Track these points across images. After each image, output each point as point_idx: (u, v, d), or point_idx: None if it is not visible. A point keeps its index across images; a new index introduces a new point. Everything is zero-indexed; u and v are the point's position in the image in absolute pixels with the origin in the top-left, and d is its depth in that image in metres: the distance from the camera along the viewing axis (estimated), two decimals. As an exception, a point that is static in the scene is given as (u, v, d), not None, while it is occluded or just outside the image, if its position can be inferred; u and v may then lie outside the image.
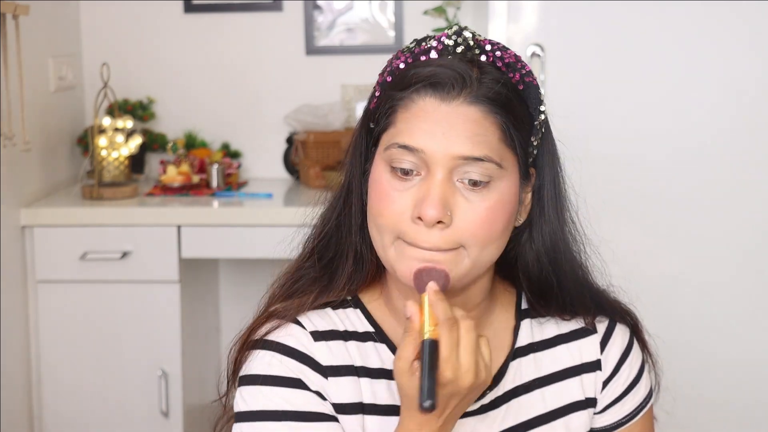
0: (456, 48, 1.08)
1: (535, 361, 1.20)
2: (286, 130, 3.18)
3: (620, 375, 1.23)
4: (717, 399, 2.83)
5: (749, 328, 2.81)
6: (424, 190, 1.05)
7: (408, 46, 1.12)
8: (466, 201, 1.05)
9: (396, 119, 1.07)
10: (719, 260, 2.80)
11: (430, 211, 1.03)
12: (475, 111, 1.04)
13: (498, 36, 2.80)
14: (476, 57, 1.08)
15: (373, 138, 1.13)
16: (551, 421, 1.18)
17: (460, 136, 1.04)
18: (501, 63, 1.08)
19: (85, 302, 2.71)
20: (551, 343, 1.21)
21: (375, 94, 1.13)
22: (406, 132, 1.06)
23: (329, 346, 1.13)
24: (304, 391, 1.11)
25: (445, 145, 1.04)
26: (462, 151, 1.04)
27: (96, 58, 3.13)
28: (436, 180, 1.04)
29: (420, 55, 1.09)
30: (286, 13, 3.17)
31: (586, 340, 1.22)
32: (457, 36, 1.09)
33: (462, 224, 1.05)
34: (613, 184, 2.77)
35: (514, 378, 1.18)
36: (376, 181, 1.09)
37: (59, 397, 2.74)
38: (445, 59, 1.07)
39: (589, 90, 2.80)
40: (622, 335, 1.23)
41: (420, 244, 1.05)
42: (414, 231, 1.05)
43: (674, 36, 2.77)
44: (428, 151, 1.04)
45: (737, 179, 2.78)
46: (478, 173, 1.05)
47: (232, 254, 2.85)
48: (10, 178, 2.61)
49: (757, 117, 2.76)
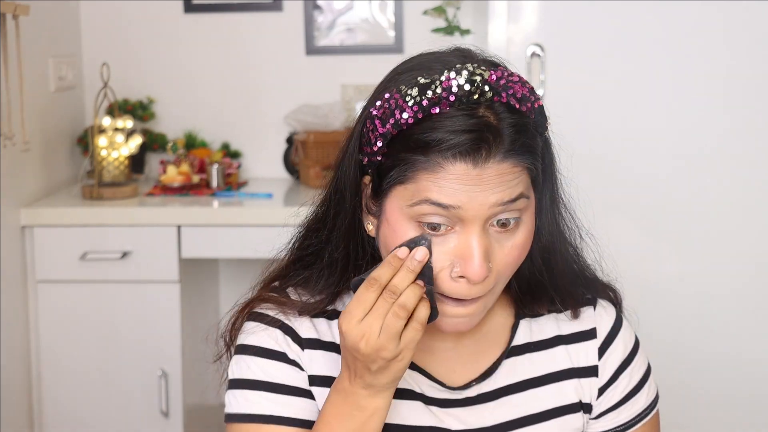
0: (469, 97, 1.02)
1: (531, 361, 1.20)
2: (286, 130, 3.18)
3: (618, 383, 1.22)
4: (717, 399, 2.83)
5: (749, 329, 2.81)
6: (463, 248, 1.03)
7: (410, 93, 1.04)
8: (500, 245, 1.05)
9: (418, 177, 1.03)
10: (719, 260, 2.80)
11: (477, 272, 1.02)
12: (507, 165, 1.02)
13: (498, 36, 2.81)
14: (489, 100, 1.03)
15: (376, 181, 1.09)
16: (544, 421, 1.18)
17: (496, 188, 1.02)
18: (514, 100, 1.04)
19: (85, 302, 2.71)
20: (549, 343, 1.21)
21: (374, 143, 1.07)
22: (435, 191, 1.02)
23: (313, 322, 1.17)
24: (283, 363, 1.15)
25: (483, 198, 1.02)
26: (500, 199, 1.02)
27: (96, 58, 3.13)
28: (474, 235, 1.03)
29: (430, 107, 1.02)
30: (286, 13, 3.17)
31: (585, 344, 1.21)
32: (469, 77, 1.03)
33: (498, 268, 1.06)
34: (613, 183, 2.77)
35: (506, 375, 1.18)
36: (403, 236, 1.05)
37: (59, 397, 2.74)
38: (461, 116, 1.02)
39: (589, 90, 2.80)
40: (624, 343, 1.23)
41: (466, 299, 1.06)
42: (454, 287, 1.05)
43: (674, 36, 2.77)
44: (466, 208, 1.02)
45: (737, 179, 2.78)
46: (510, 213, 1.04)
47: (232, 254, 2.84)
48: (10, 178, 2.61)
49: (757, 117, 2.76)
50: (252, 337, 1.16)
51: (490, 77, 1.03)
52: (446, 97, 1.02)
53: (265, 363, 1.14)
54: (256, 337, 1.16)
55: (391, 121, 1.04)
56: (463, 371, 1.18)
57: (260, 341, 1.15)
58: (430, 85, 1.03)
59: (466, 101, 1.02)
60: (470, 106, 1.02)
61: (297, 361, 1.15)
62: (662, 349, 2.67)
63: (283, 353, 1.15)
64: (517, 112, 1.04)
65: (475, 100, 1.02)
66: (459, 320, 1.07)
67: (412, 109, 1.03)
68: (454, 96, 1.02)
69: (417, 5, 3.09)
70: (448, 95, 1.02)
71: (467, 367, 1.18)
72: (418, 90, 1.03)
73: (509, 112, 1.03)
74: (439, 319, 1.07)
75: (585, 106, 2.81)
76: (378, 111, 1.07)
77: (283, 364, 1.14)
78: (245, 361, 1.15)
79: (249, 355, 1.15)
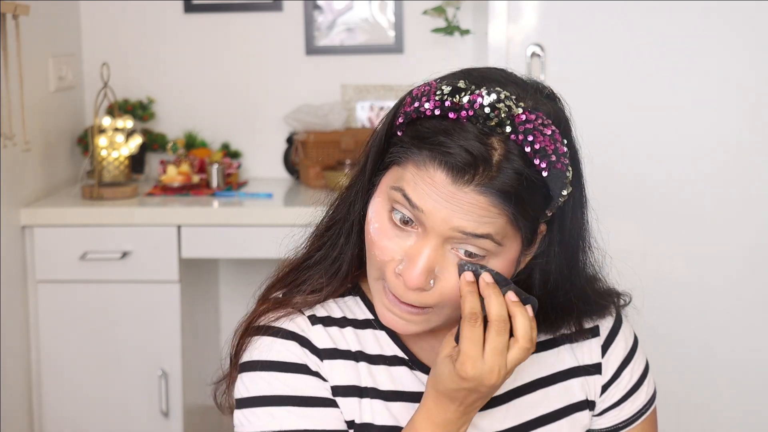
0: (486, 121, 1.01)
1: (538, 361, 1.20)
2: (286, 130, 3.18)
3: (621, 380, 1.23)
4: (717, 398, 2.83)
5: (749, 328, 2.81)
6: (414, 251, 1.03)
7: (443, 89, 1.04)
8: (454, 269, 1.04)
9: (407, 165, 1.04)
10: (719, 260, 2.80)
11: (413, 279, 1.02)
12: (484, 200, 1.00)
13: (498, 36, 2.81)
14: (506, 135, 1.01)
15: (385, 158, 1.09)
16: (555, 421, 1.19)
17: (465, 214, 1.00)
18: (530, 148, 1.01)
19: (85, 302, 2.71)
20: (554, 342, 1.21)
21: (399, 118, 1.07)
22: (412, 186, 1.02)
23: (327, 330, 1.14)
24: (305, 375, 1.12)
25: (447, 216, 1.00)
26: (463, 227, 1.01)
27: (96, 58, 3.13)
28: (428, 246, 1.02)
29: (449, 110, 1.02)
30: (286, 13, 3.17)
31: (588, 342, 1.22)
32: (494, 104, 1.01)
33: (443, 290, 1.04)
34: (614, 183, 2.77)
35: (515, 378, 1.18)
36: (377, 213, 1.07)
37: (59, 397, 2.74)
38: (470, 134, 1.01)
39: (589, 90, 2.80)
40: (625, 340, 1.24)
41: (397, 297, 1.06)
42: (394, 282, 1.05)
43: (674, 36, 2.77)
44: (429, 215, 1.01)
45: (738, 179, 2.78)
46: (476, 248, 1.03)
47: (232, 254, 2.85)
48: (10, 178, 2.61)
49: (757, 117, 2.77)
50: (267, 352, 1.13)
51: (518, 115, 1.02)
52: (467, 108, 1.02)
53: (288, 377, 1.11)
54: (271, 353, 1.13)
55: (416, 104, 1.05)
56: None
57: (277, 356, 1.12)
58: (461, 91, 1.03)
59: (482, 122, 1.01)
60: (485, 130, 1.01)
61: (318, 371, 1.12)
62: (662, 349, 2.67)
63: (304, 365, 1.12)
64: (527, 161, 1.01)
65: (491, 126, 1.01)
66: (393, 317, 1.07)
67: (434, 103, 1.03)
68: (473, 111, 1.01)
69: (417, 5, 3.09)
70: (469, 108, 1.01)
71: None
72: (450, 90, 1.04)
73: (519, 157, 1.01)
74: (382, 309, 1.08)
75: (585, 106, 2.79)
76: (416, 90, 1.07)
77: (306, 376, 1.12)
78: (262, 378, 1.12)
79: (267, 371, 1.12)
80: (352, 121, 3.17)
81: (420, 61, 3.12)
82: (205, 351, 3.05)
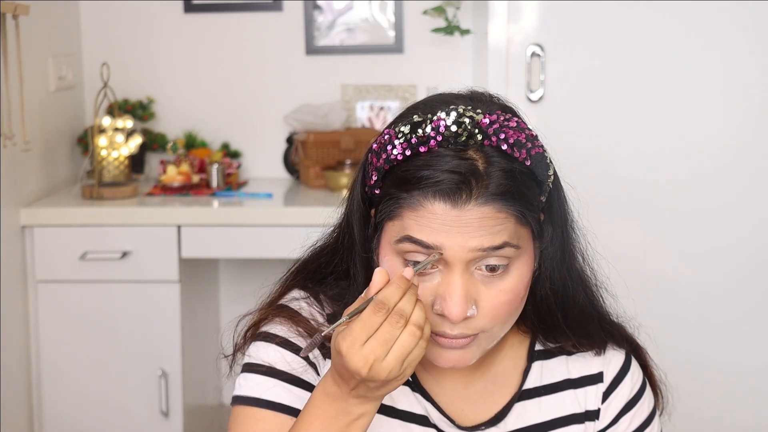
0: (457, 138, 1.02)
1: (540, 405, 1.19)
2: (286, 130, 3.18)
3: (618, 426, 1.22)
4: (717, 398, 2.83)
5: (749, 329, 2.81)
6: (444, 286, 1.02)
7: (402, 130, 1.04)
8: (487, 288, 1.04)
9: (402, 214, 1.03)
10: (719, 260, 2.80)
11: (456, 310, 1.01)
12: (488, 209, 1.01)
13: (498, 36, 2.81)
14: (479, 143, 1.03)
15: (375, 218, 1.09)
16: None
17: (477, 231, 1.00)
18: (506, 145, 1.03)
19: (85, 302, 2.71)
20: (558, 387, 1.20)
21: (371, 176, 1.07)
22: (416, 229, 1.02)
23: None
24: (303, 389, 1.12)
25: (462, 241, 1.00)
26: (480, 244, 1.01)
27: (96, 58, 3.13)
28: (456, 276, 1.02)
29: (418, 145, 1.03)
30: (286, 13, 3.17)
31: (592, 388, 1.21)
32: (458, 120, 1.02)
33: (485, 311, 1.04)
34: (613, 183, 2.77)
35: (516, 420, 1.18)
36: (394, 273, 1.03)
37: (59, 397, 2.74)
38: (447, 157, 1.01)
39: (589, 90, 2.81)
40: (631, 386, 1.22)
41: (447, 335, 1.04)
42: (439, 322, 1.04)
43: (674, 36, 2.77)
44: (445, 249, 1.01)
45: (738, 179, 2.78)
46: (497, 259, 1.03)
47: (232, 254, 2.85)
48: (10, 178, 2.61)
49: (757, 117, 2.77)
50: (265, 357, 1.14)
51: (482, 121, 1.03)
52: (434, 136, 1.02)
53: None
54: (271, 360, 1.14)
55: (384, 156, 1.05)
56: (473, 412, 1.18)
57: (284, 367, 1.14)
58: (422, 123, 1.04)
59: (453, 142, 1.02)
60: (459, 148, 1.02)
61: None
62: (662, 349, 2.67)
63: (314, 364, 1.14)
64: (509, 157, 1.03)
65: (463, 142, 1.02)
66: (451, 354, 1.06)
67: (401, 146, 1.04)
68: (441, 136, 1.02)
69: (417, 5, 3.09)
70: (436, 135, 1.02)
71: (477, 408, 1.18)
72: (410, 128, 1.04)
73: (500, 157, 1.02)
74: (436, 354, 1.06)
75: (585, 106, 2.81)
76: (376, 145, 1.07)
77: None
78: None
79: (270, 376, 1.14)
80: (352, 121, 3.17)
81: (420, 61, 3.12)
82: (205, 351, 3.05)
